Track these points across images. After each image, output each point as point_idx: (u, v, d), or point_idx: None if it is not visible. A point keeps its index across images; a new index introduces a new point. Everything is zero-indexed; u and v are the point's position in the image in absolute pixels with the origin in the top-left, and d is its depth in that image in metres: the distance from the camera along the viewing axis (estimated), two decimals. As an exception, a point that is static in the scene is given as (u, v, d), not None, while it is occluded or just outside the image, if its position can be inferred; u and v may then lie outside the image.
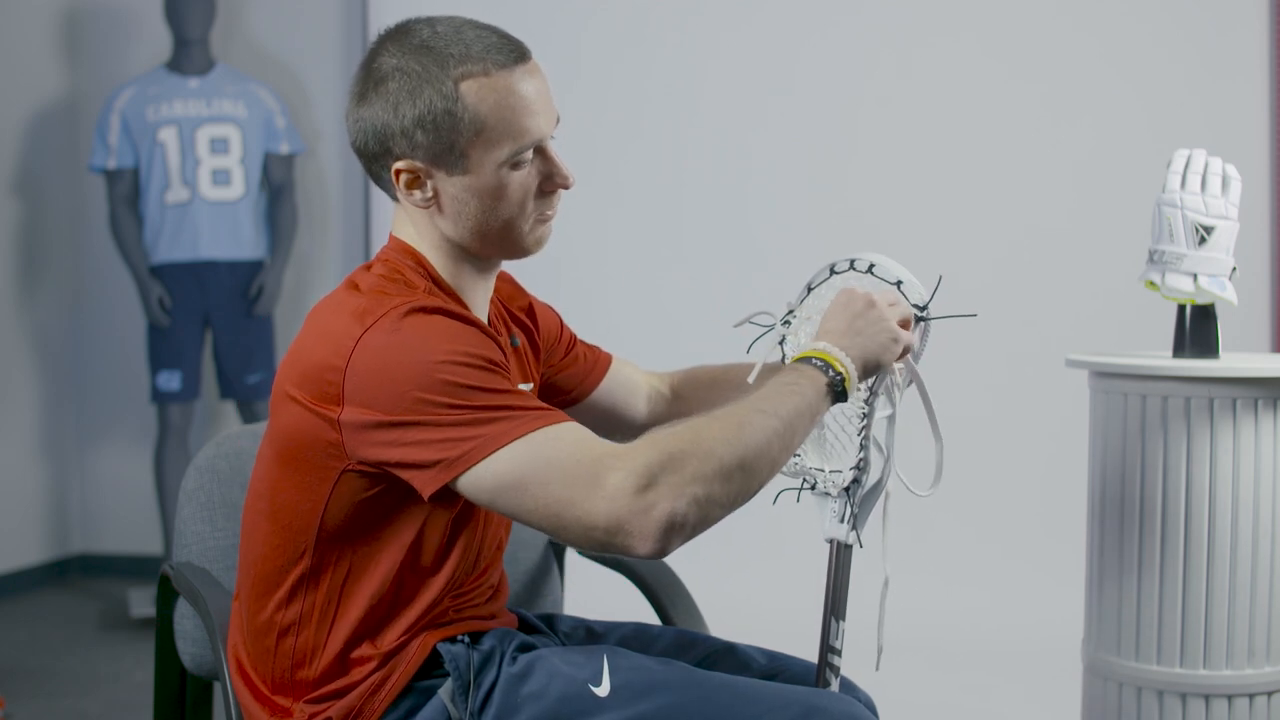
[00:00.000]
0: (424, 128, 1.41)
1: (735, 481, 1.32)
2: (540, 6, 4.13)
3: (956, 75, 3.97)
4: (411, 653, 1.47)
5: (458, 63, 1.42)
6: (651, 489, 1.28)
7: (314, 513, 1.44)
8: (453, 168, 1.44)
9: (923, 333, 1.55)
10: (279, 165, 4.29)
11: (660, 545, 1.29)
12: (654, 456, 1.29)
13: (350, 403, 1.36)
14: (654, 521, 1.28)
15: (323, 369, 1.38)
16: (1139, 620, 2.12)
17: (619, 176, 4.14)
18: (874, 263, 1.59)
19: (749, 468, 1.33)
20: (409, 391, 1.33)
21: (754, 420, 1.36)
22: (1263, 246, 3.79)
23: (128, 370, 4.68)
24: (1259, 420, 2.07)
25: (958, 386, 3.87)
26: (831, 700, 1.46)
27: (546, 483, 1.30)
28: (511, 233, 1.48)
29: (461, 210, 1.46)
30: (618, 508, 1.28)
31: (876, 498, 1.56)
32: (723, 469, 1.31)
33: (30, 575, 4.60)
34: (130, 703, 3.34)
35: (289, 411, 1.42)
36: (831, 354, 1.47)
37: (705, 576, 2.24)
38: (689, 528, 1.30)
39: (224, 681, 1.57)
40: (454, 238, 1.48)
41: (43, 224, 4.67)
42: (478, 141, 1.42)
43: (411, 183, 1.45)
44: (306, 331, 1.44)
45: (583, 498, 1.29)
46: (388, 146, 1.44)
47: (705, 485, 1.30)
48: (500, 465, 1.32)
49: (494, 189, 1.44)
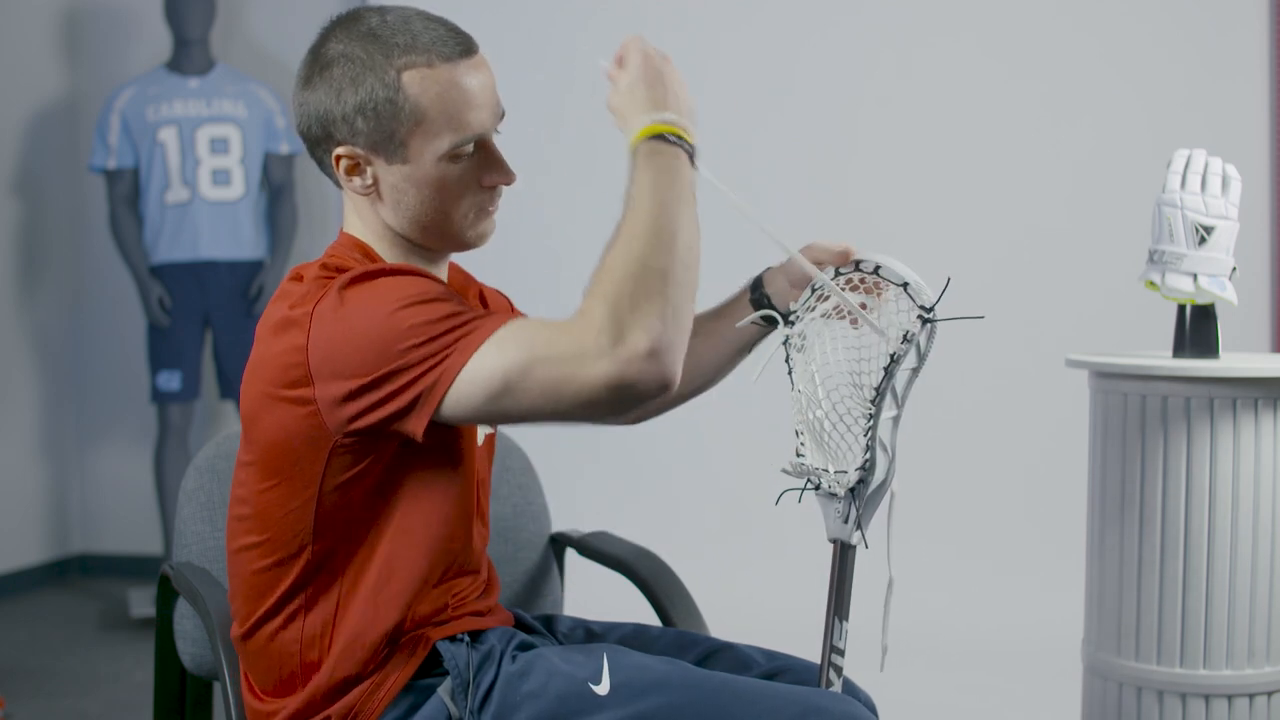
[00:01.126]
0: (364, 115, 1.43)
1: (683, 282, 1.34)
2: (540, 6, 4.13)
3: (956, 75, 3.97)
4: (411, 651, 1.47)
5: (402, 52, 1.43)
6: (626, 332, 1.29)
7: (306, 511, 1.44)
8: (392, 156, 1.45)
9: (929, 334, 1.55)
10: (279, 165, 4.29)
11: (663, 377, 1.29)
12: (609, 302, 1.30)
13: (320, 378, 1.37)
14: (645, 359, 1.28)
15: (285, 358, 1.40)
16: (1139, 620, 2.12)
17: (618, 176, 4.14)
18: (880, 264, 1.59)
19: (687, 261, 1.36)
20: (369, 350, 1.35)
21: (666, 219, 1.37)
22: (1263, 246, 3.79)
23: (128, 370, 4.68)
24: (1259, 420, 2.07)
25: (958, 386, 3.87)
26: (831, 700, 1.46)
27: (529, 372, 1.31)
28: (450, 226, 1.49)
29: (400, 200, 1.47)
30: (608, 365, 1.28)
31: (881, 498, 1.56)
32: (671, 278, 1.32)
33: (30, 575, 4.60)
34: (130, 703, 3.34)
35: (266, 419, 1.43)
36: (667, 121, 1.47)
37: (705, 576, 2.23)
38: (676, 344, 1.31)
39: (224, 682, 1.57)
40: (395, 227, 1.50)
41: (43, 224, 4.67)
42: (417, 132, 1.43)
43: (351, 169, 1.47)
44: (259, 339, 1.46)
45: (572, 371, 1.30)
46: (329, 132, 1.46)
47: (663, 300, 1.31)
48: (479, 374, 1.33)
49: (432, 180, 1.46)
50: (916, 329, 1.54)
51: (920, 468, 3.90)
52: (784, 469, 1.59)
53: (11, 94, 4.57)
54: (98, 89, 4.64)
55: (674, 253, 1.35)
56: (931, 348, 1.55)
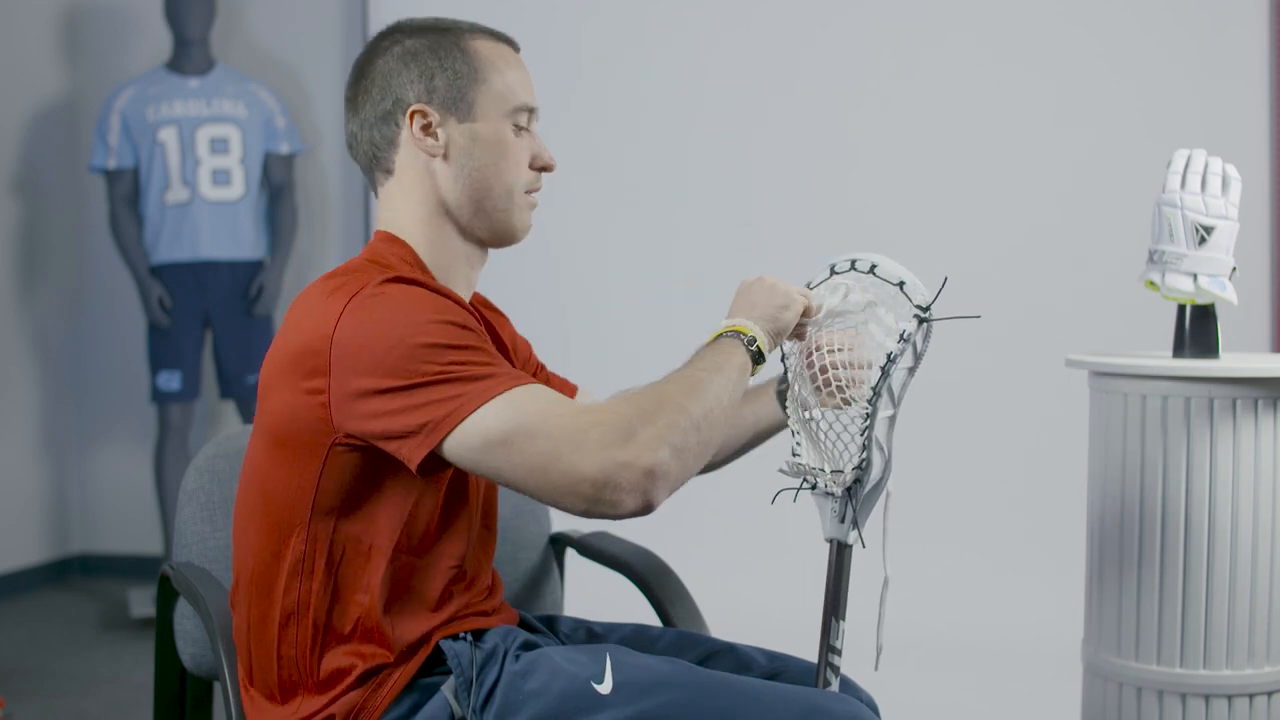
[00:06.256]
0: (443, 72, 1.53)
1: (702, 432, 1.36)
2: (540, 6, 4.13)
3: (956, 75, 3.97)
4: (415, 649, 1.48)
5: (469, 30, 1.57)
6: (632, 441, 1.30)
7: (305, 495, 1.44)
8: (464, 114, 1.53)
9: (926, 333, 1.55)
10: (279, 165, 4.29)
11: (646, 498, 1.31)
12: (630, 411, 1.32)
13: (336, 372, 1.38)
14: (639, 473, 1.29)
15: (309, 346, 1.40)
16: (1139, 620, 2.12)
17: (619, 176, 4.14)
18: (875, 263, 1.58)
19: (711, 420, 1.38)
20: (391, 355, 1.35)
21: (705, 378, 1.41)
22: (1263, 246, 3.79)
23: (128, 370, 4.68)
24: (1259, 420, 2.07)
25: (958, 386, 3.87)
26: (833, 700, 1.46)
27: (533, 437, 1.32)
28: (508, 200, 1.55)
29: (467, 163, 1.53)
30: (604, 461, 1.29)
31: (877, 498, 1.56)
32: (691, 421, 1.35)
33: (30, 575, 4.60)
34: (130, 703, 3.34)
35: (277, 396, 1.44)
36: (737, 324, 1.52)
37: (705, 577, 2.24)
38: (671, 478, 1.32)
39: (224, 682, 1.57)
40: (450, 198, 1.54)
41: (43, 224, 4.67)
42: (488, 91, 1.54)
43: (425, 128, 1.53)
44: (289, 321, 1.47)
45: (569, 451, 1.30)
46: (400, 97, 1.53)
47: (680, 435, 1.33)
48: (486, 422, 1.33)
49: (497, 142, 1.54)
50: (913, 328, 1.54)
51: (920, 468, 3.90)
52: (781, 469, 1.60)
53: (11, 94, 4.57)
54: (98, 89, 4.64)
55: (704, 406, 1.38)
56: (928, 347, 1.55)
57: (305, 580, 1.46)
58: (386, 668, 1.47)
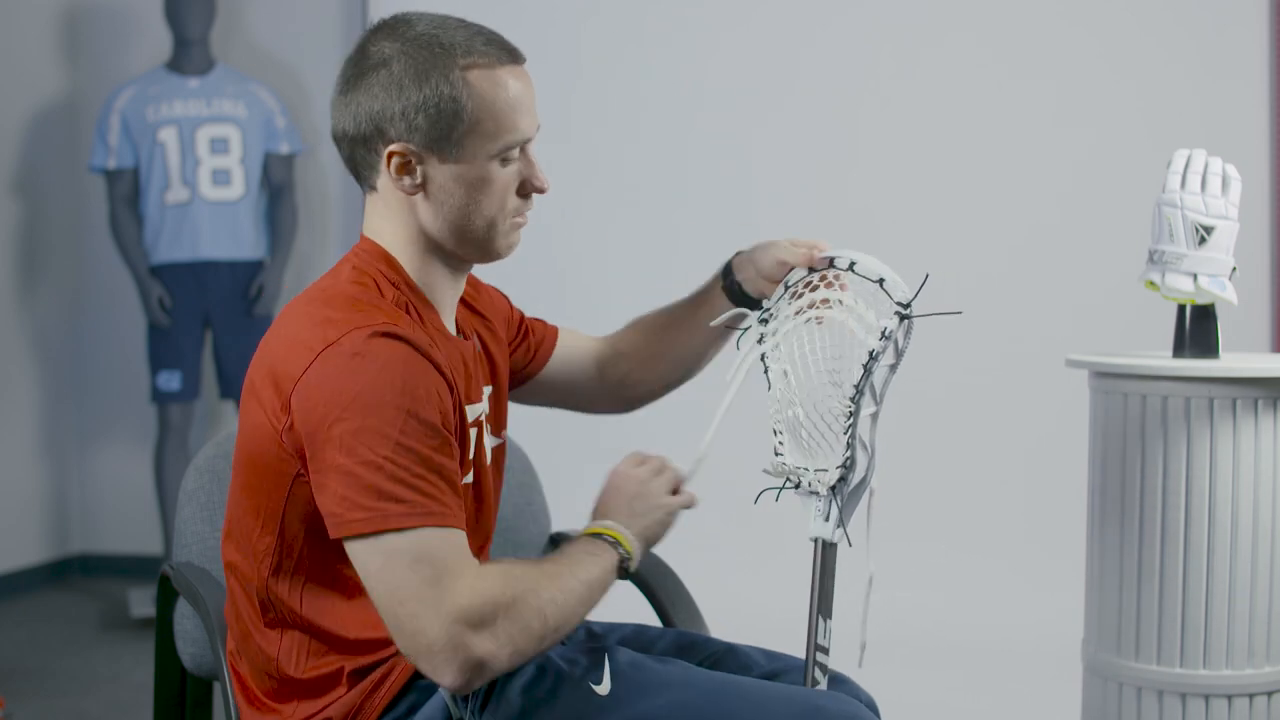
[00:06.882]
0: (426, 112, 1.43)
1: (547, 641, 1.38)
2: (540, 6, 4.13)
3: (956, 75, 3.97)
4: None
5: (464, 52, 1.44)
6: (484, 630, 1.32)
7: (275, 512, 1.44)
8: (445, 155, 1.45)
9: (907, 330, 1.55)
10: (279, 165, 4.29)
11: (463, 682, 1.33)
12: (501, 597, 1.34)
13: (296, 414, 1.37)
14: (473, 661, 1.32)
15: (281, 373, 1.40)
16: (1139, 620, 2.12)
17: (619, 176, 4.14)
18: (855, 260, 1.58)
19: (560, 629, 1.40)
20: (343, 420, 1.34)
21: (572, 586, 1.41)
22: (1263, 246, 3.79)
23: (128, 370, 4.68)
24: (1259, 420, 2.07)
25: (959, 386, 3.87)
26: (833, 700, 1.46)
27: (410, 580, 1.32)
28: (487, 230, 1.49)
29: (446, 200, 1.46)
30: (453, 633, 1.31)
31: (861, 495, 1.56)
32: (545, 629, 1.37)
33: (30, 575, 4.60)
34: (130, 703, 3.34)
35: (251, 409, 1.44)
36: (620, 534, 1.51)
37: (705, 577, 2.23)
38: (494, 673, 1.35)
39: (224, 682, 1.57)
40: (431, 230, 1.48)
41: (43, 224, 4.67)
42: (475, 131, 1.44)
43: (402, 167, 1.46)
44: (276, 331, 1.45)
45: (425, 608, 1.31)
46: (382, 128, 1.45)
47: (526, 641, 1.35)
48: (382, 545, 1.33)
49: (480, 181, 1.46)
50: (894, 325, 1.53)
51: (920, 468, 3.91)
52: (765, 469, 1.60)
53: (11, 94, 4.57)
54: (98, 89, 4.63)
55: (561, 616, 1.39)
56: (909, 344, 1.55)
57: (291, 584, 1.46)
58: (377, 666, 1.46)
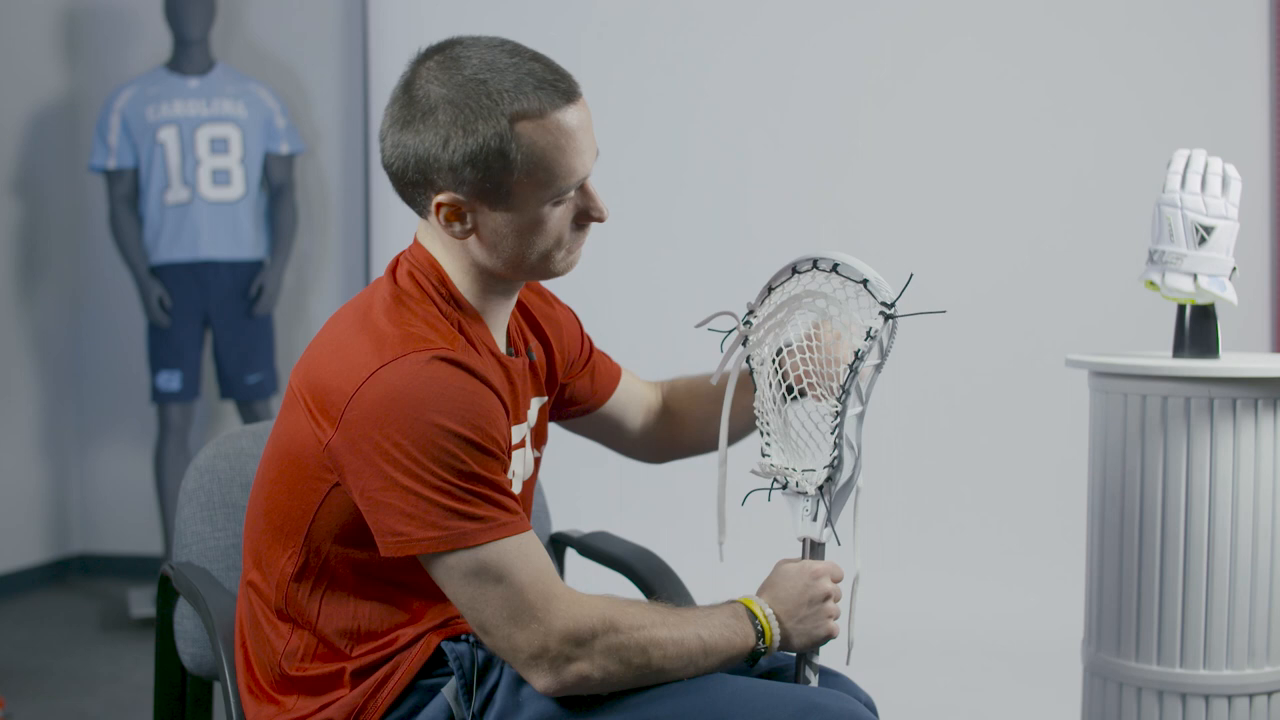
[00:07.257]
0: (474, 165, 1.39)
1: (644, 678, 1.40)
2: (540, 6, 4.13)
3: (956, 76, 3.97)
4: (415, 650, 1.47)
5: (513, 100, 1.38)
6: (584, 645, 1.36)
7: (304, 517, 1.45)
8: (496, 204, 1.42)
9: (891, 330, 1.55)
10: (279, 165, 4.29)
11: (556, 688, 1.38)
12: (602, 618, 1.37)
13: (345, 429, 1.37)
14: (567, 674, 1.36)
15: (331, 386, 1.39)
16: (1139, 620, 2.12)
17: (618, 175, 4.14)
18: (838, 262, 1.58)
19: (661, 673, 1.41)
20: (403, 444, 1.34)
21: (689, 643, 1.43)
22: (1263, 246, 3.79)
23: (128, 370, 4.68)
24: (1259, 420, 2.07)
25: (959, 387, 3.88)
26: (831, 698, 1.46)
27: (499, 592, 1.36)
28: (545, 263, 1.48)
29: (499, 244, 1.45)
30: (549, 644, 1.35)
31: (848, 495, 1.57)
32: (645, 666, 1.39)
33: (30, 575, 4.60)
34: (130, 703, 3.34)
35: (295, 414, 1.44)
36: (771, 628, 1.51)
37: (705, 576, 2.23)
38: (589, 690, 1.38)
39: (224, 681, 1.57)
40: (486, 265, 1.47)
41: (43, 224, 4.67)
42: (527, 182, 1.41)
43: (451, 215, 1.43)
44: (326, 339, 1.45)
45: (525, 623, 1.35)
46: (430, 178, 1.41)
47: (624, 667, 1.38)
48: (463, 562, 1.36)
49: (534, 224, 1.44)
50: (879, 325, 1.53)
51: (920, 468, 3.91)
52: (753, 470, 1.61)
53: (11, 94, 4.57)
54: (98, 89, 4.64)
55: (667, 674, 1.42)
56: (894, 344, 1.55)
57: (307, 589, 1.47)
58: (379, 665, 1.47)
